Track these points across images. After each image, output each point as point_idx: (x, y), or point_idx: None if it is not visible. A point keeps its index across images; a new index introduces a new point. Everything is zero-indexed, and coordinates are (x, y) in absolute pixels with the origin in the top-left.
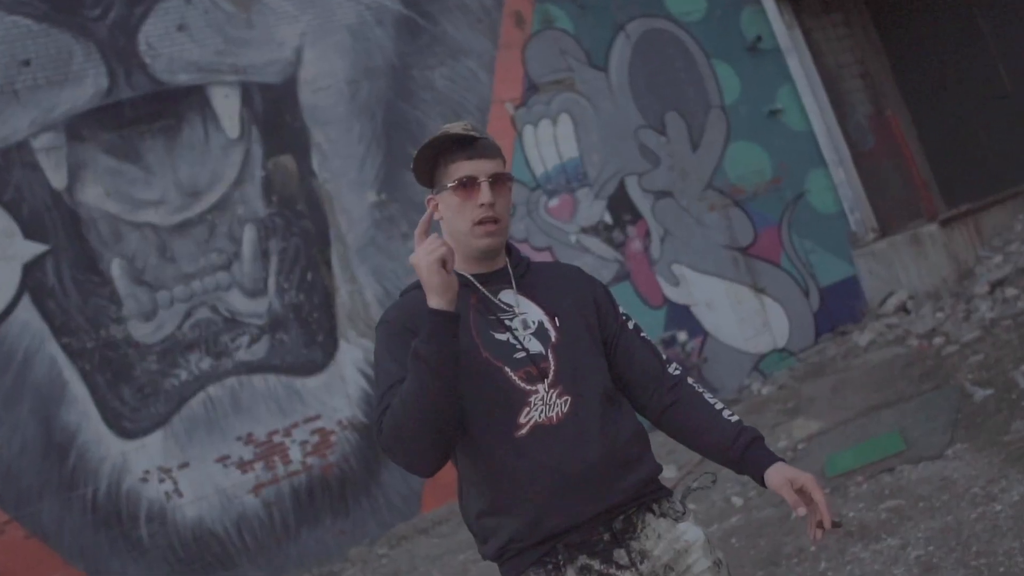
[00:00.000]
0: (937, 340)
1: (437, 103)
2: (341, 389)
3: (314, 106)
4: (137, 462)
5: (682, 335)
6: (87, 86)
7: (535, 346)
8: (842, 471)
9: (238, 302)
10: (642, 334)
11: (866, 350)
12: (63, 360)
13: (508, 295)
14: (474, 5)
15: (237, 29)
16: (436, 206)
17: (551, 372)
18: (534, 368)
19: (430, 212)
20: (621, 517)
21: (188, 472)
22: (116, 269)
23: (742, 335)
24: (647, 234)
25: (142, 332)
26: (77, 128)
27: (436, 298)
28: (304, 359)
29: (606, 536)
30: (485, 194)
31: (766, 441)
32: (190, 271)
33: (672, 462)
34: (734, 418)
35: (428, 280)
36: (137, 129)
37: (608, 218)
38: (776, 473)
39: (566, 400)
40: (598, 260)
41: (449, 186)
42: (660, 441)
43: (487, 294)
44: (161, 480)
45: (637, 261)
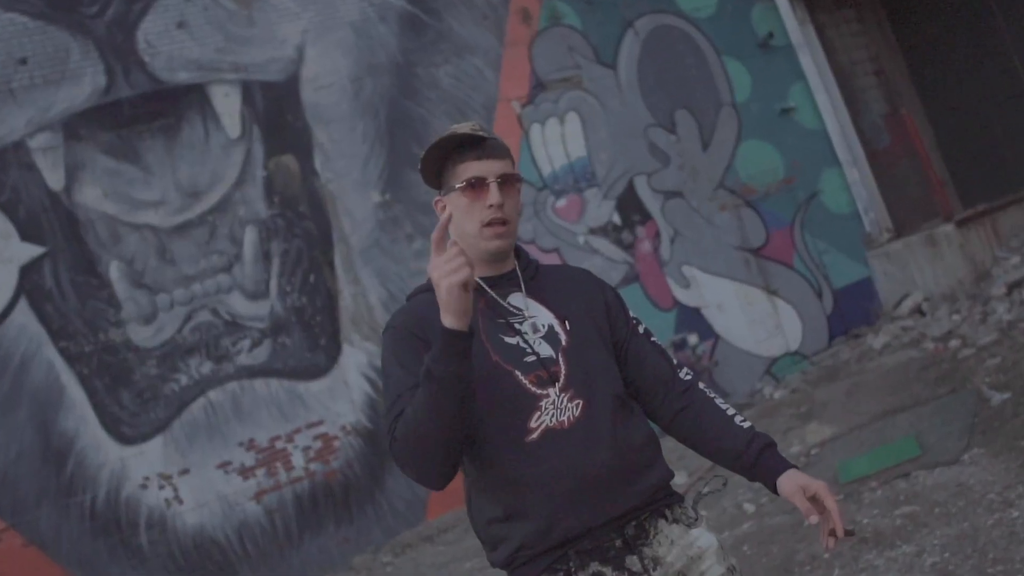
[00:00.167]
0: (953, 343)
1: (442, 101)
2: (345, 394)
3: (316, 104)
4: (136, 468)
5: (692, 338)
6: (85, 85)
7: (545, 350)
8: (856, 477)
9: (239, 305)
10: (652, 338)
11: (881, 353)
12: (61, 364)
13: (517, 298)
14: (480, 1)
15: (238, 26)
16: (444, 208)
17: (562, 376)
18: (544, 372)
19: (446, 218)
20: (633, 523)
21: (189, 478)
22: (115, 271)
23: (754, 338)
24: (657, 235)
25: (141, 336)
26: (75, 128)
27: (452, 318)
28: (307, 363)
29: (618, 542)
30: (494, 195)
31: (778, 447)
32: (190, 273)
33: (682, 468)
34: (746, 424)
35: (447, 301)
36: (136, 128)
37: (617, 219)
38: (788, 480)
39: (578, 404)
40: (607, 261)
41: (457, 187)
42: (670, 447)
43: (496, 297)
44: (161, 487)
45: (646, 263)
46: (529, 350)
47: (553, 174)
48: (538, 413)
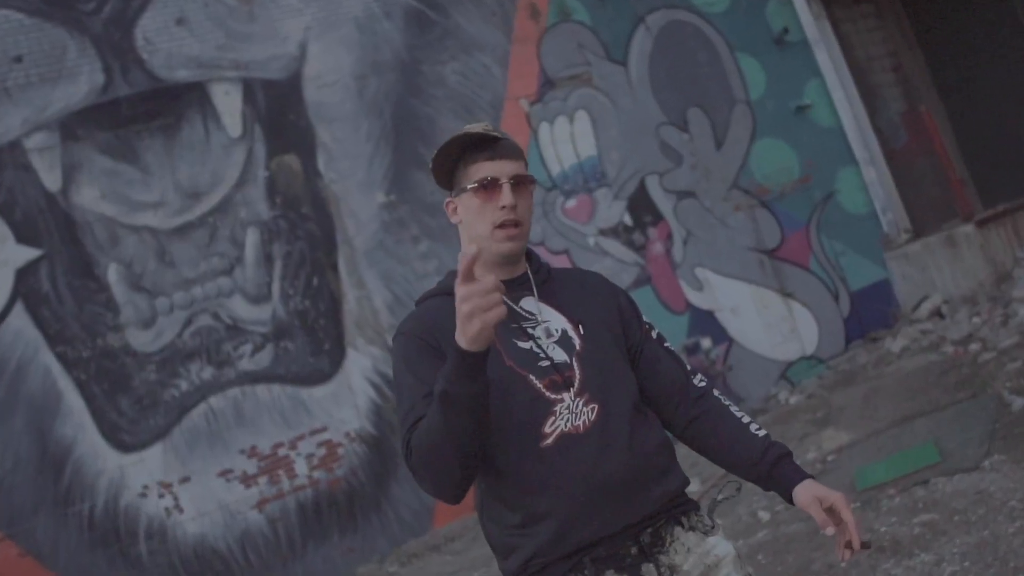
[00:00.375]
0: (973, 346)
1: (448, 99)
2: (349, 399)
3: (319, 103)
4: (136, 477)
5: (706, 342)
6: (82, 83)
7: (559, 355)
8: (874, 484)
9: (241, 309)
10: (665, 344)
11: (899, 357)
12: (58, 370)
13: (529, 303)
14: None
15: (239, 23)
16: (455, 209)
17: (576, 380)
18: (559, 377)
19: (474, 255)
20: (649, 530)
21: (189, 487)
22: (113, 275)
23: (769, 342)
24: (669, 236)
25: (140, 340)
26: (72, 127)
27: (471, 344)
28: (310, 368)
29: (634, 550)
30: (507, 196)
31: (794, 454)
32: (190, 276)
33: (695, 475)
34: (761, 432)
35: (473, 335)
36: (134, 128)
37: (628, 219)
38: (805, 491)
39: (593, 408)
40: (618, 263)
41: (469, 187)
42: (683, 454)
43: (508, 302)
44: (161, 495)
45: (658, 265)
46: (543, 355)
47: (562, 174)
48: (553, 418)
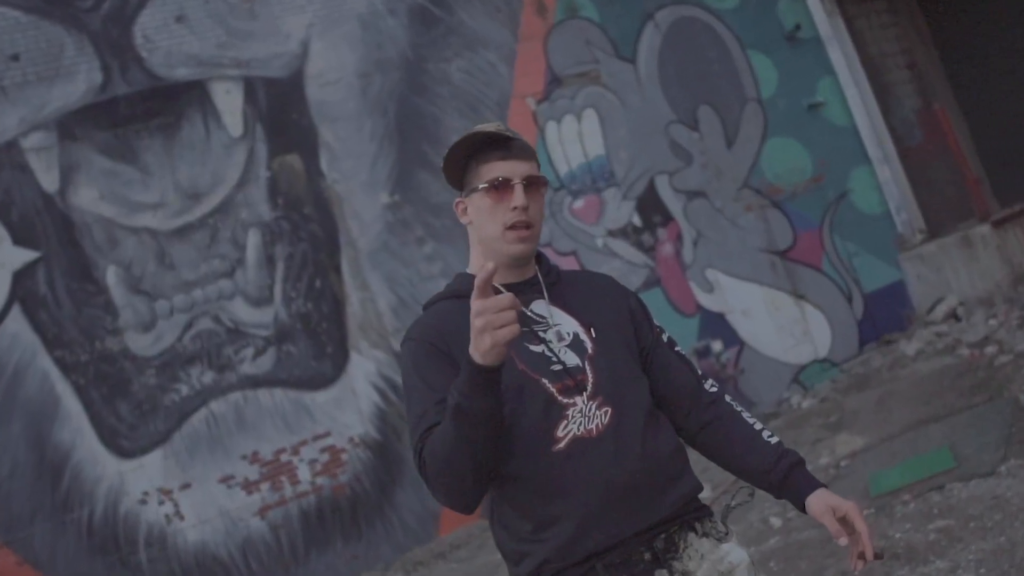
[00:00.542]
0: (990, 349)
1: (453, 98)
2: (353, 404)
3: (322, 102)
4: (135, 483)
5: (717, 345)
6: (80, 82)
7: (571, 359)
8: (888, 490)
9: (242, 312)
10: (676, 348)
11: (914, 360)
12: (56, 375)
13: (540, 306)
14: None
15: (240, 20)
16: (464, 209)
17: (589, 384)
18: (571, 381)
19: (492, 268)
20: (663, 536)
21: (190, 493)
22: (112, 277)
23: (781, 345)
24: (679, 237)
25: (140, 344)
26: (69, 127)
27: (483, 359)
28: (313, 372)
29: (647, 556)
30: (519, 197)
31: (807, 460)
32: (191, 279)
33: (706, 481)
34: (774, 439)
35: (484, 350)
36: (133, 127)
37: (637, 220)
38: (818, 500)
39: (606, 412)
40: (626, 265)
41: (481, 187)
42: (692, 459)
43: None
44: (161, 502)
45: (668, 266)
46: (555, 359)
47: (570, 173)
48: (565, 422)
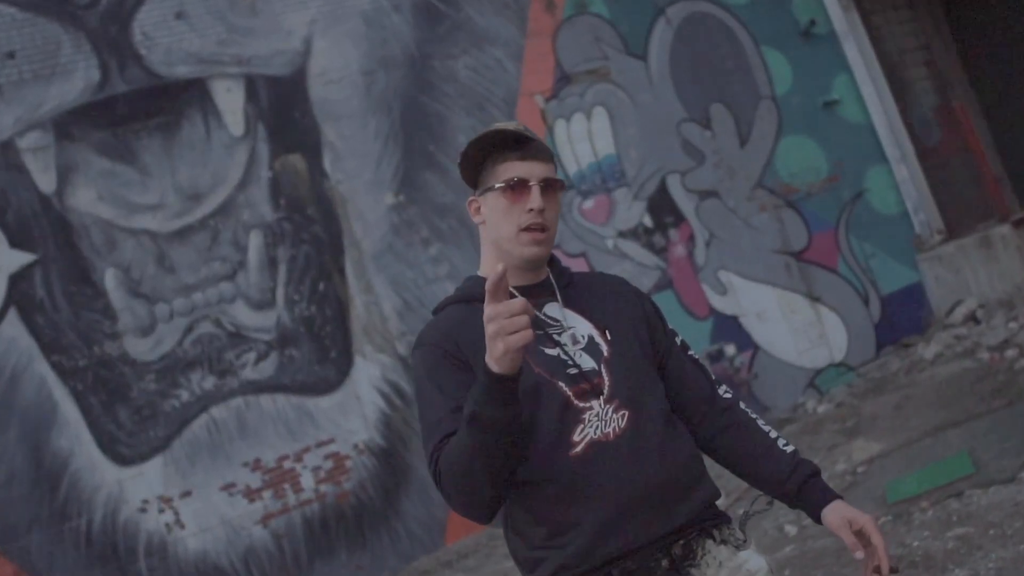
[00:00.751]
0: (1010, 352)
1: (460, 96)
2: (357, 410)
3: (325, 100)
4: (135, 491)
5: (730, 349)
6: (77, 80)
7: (587, 362)
8: (905, 496)
9: (244, 315)
10: (690, 352)
11: (932, 364)
12: (53, 380)
13: (553, 308)
14: None
15: (241, 17)
16: (478, 208)
17: (606, 387)
18: (587, 384)
19: (503, 270)
20: (680, 543)
21: (190, 501)
22: (110, 280)
23: (796, 348)
24: (691, 238)
25: (139, 349)
26: (67, 126)
27: (499, 367)
28: (316, 377)
29: (664, 562)
30: (535, 199)
31: (823, 466)
32: (191, 282)
33: (719, 488)
34: (789, 448)
35: (497, 356)
36: (132, 127)
37: (648, 221)
38: (834, 513)
39: (623, 415)
40: (637, 267)
41: (497, 187)
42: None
43: (532, 309)
44: (161, 510)
45: (680, 268)
46: (570, 362)
47: (579, 173)
48: (581, 426)
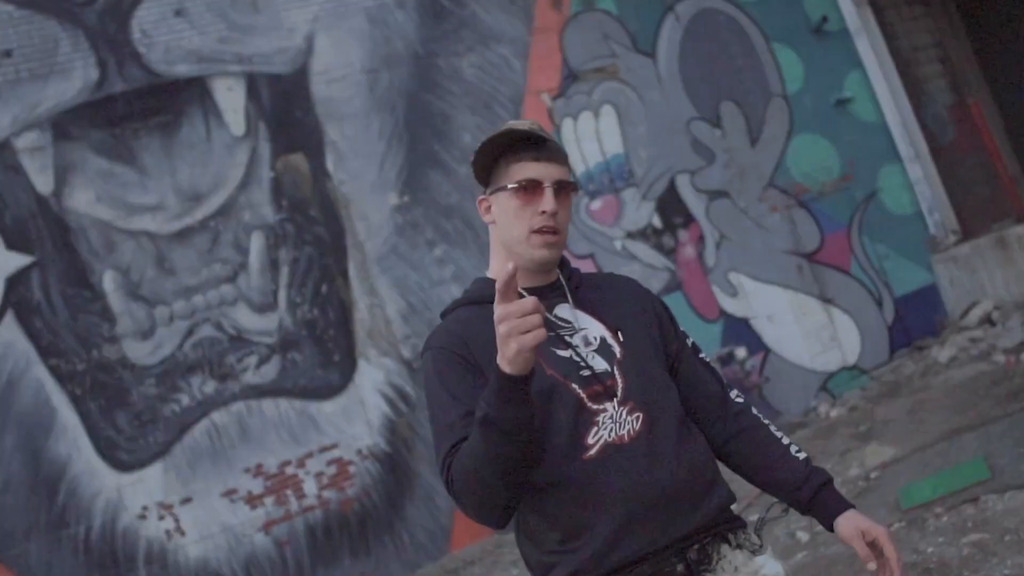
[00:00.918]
0: None
1: (465, 94)
2: (360, 414)
3: (328, 99)
4: (134, 497)
5: (740, 351)
6: (75, 79)
7: (599, 363)
8: (920, 502)
9: (245, 318)
10: (701, 354)
11: (947, 367)
12: (51, 385)
13: (564, 310)
14: None
15: (242, 14)
16: (488, 208)
17: (619, 389)
18: (601, 386)
19: (513, 268)
20: (696, 547)
21: (191, 508)
22: (109, 283)
23: (808, 351)
24: (701, 239)
25: (139, 352)
26: (64, 126)
27: (512, 368)
28: (319, 381)
29: (679, 567)
30: (548, 201)
31: (836, 471)
32: (191, 284)
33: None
34: (802, 455)
35: (510, 357)
36: (131, 126)
37: (657, 221)
38: (847, 522)
39: (637, 417)
40: (646, 268)
41: (510, 187)
42: None
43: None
44: (161, 517)
45: (690, 269)
46: (583, 363)
47: (587, 173)
48: (595, 428)
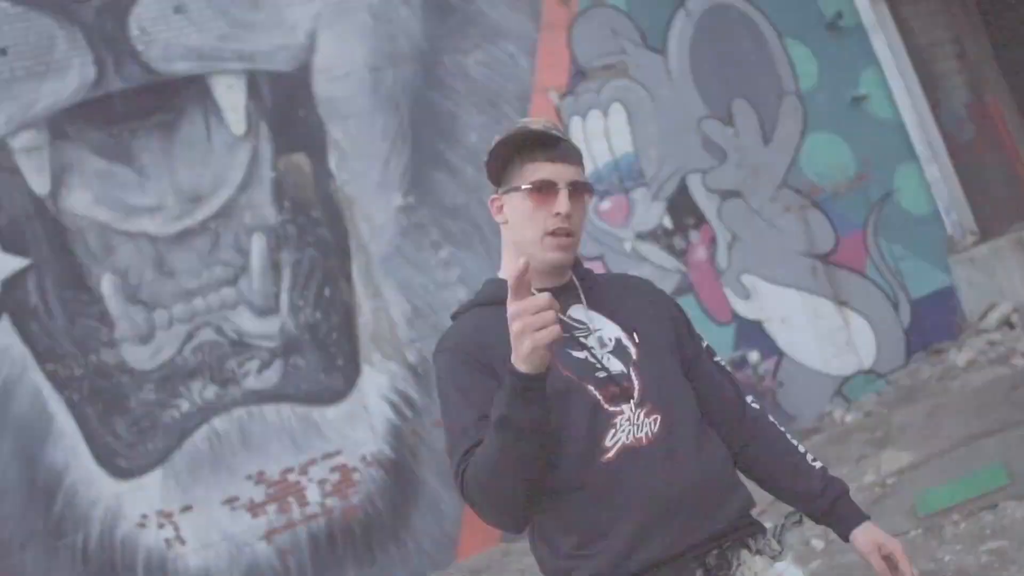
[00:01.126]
0: None
1: (471, 93)
2: (364, 420)
3: (331, 97)
4: (133, 505)
5: (753, 355)
6: (72, 77)
7: (615, 365)
8: (937, 509)
9: (246, 322)
10: (716, 358)
11: (965, 371)
12: (48, 390)
13: (578, 311)
14: None
15: (242, 10)
16: (500, 208)
17: (636, 391)
18: (617, 388)
19: (525, 263)
20: (715, 552)
21: (191, 516)
22: (107, 286)
23: (822, 355)
24: (712, 240)
25: (137, 357)
26: (61, 125)
27: (527, 367)
28: (322, 386)
29: (699, 572)
30: (563, 203)
31: (852, 478)
32: (191, 287)
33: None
34: (818, 464)
35: (527, 355)
36: (129, 126)
37: (668, 222)
38: (864, 535)
39: (655, 419)
40: (657, 270)
41: (524, 188)
42: None
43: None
44: (161, 525)
45: (701, 271)
46: (599, 365)
47: (596, 173)
48: (613, 431)
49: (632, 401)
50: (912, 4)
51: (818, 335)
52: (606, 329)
